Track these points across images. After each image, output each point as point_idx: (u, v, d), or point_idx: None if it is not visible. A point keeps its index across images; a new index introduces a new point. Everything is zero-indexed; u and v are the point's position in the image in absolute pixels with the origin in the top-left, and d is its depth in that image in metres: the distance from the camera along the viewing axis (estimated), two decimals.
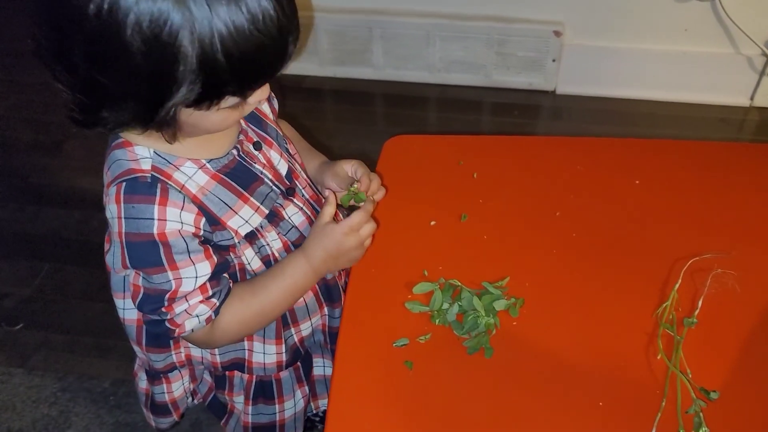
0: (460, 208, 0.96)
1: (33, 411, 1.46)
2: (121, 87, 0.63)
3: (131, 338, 0.90)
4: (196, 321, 0.78)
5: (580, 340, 0.79)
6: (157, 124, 0.67)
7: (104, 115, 0.66)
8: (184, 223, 0.74)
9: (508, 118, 2.19)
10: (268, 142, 0.86)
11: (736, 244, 0.89)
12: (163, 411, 0.98)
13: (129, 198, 0.72)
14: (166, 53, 0.59)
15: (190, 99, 0.64)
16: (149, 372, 0.94)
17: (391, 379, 0.76)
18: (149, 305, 0.77)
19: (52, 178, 2.04)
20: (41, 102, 2.33)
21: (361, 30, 2.21)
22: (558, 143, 1.11)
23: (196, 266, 0.75)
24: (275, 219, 0.84)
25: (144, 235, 0.72)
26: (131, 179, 0.73)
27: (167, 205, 0.72)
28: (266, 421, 0.96)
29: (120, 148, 0.75)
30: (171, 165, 0.75)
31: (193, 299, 0.76)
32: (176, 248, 0.74)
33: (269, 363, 0.91)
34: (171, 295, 0.75)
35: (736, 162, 1.05)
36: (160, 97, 0.63)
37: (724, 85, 2.14)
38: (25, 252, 1.82)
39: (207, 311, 0.78)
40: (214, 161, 0.78)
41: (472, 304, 0.81)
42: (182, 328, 0.78)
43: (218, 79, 0.63)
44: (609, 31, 2.11)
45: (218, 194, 0.78)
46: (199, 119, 0.69)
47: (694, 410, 0.70)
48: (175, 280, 0.75)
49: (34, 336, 1.61)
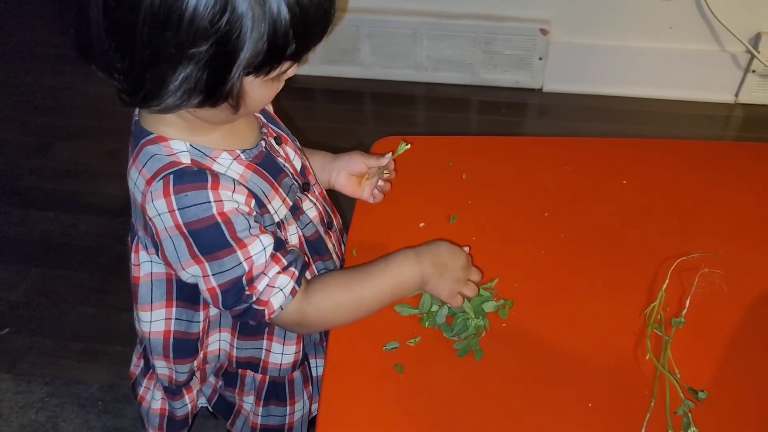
0: (448, 209, 0.96)
1: (20, 416, 1.45)
2: (187, 50, 0.61)
3: (156, 353, 0.86)
4: (282, 296, 0.76)
5: (570, 340, 0.80)
6: (221, 95, 0.66)
7: (165, 92, 0.64)
8: (239, 203, 0.73)
9: (496, 116, 2.19)
10: (284, 138, 0.87)
11: (724, 243, 0.90)
12: (180, 426, 0.95)
13: (179, 188, 0.70)
14: (233, 12, 0.59)
15: (257, 61, 0.63)
16: (168, 388, 0.91)
17: (382, 383, 0.76)
18: (232, 297, 0.75)
19: (40, 181, 2.02)
20: (29, 103, 2.31)
21: (349, 29, 2.21)
22: (546, 143, 1.12)
23: (260, 238, 0.74)
24: (297, 212, 0.84)
25: (205, 219, 0.71)
26: (178, 170, 0.71)
27: (220, 189, 0.71)
28: (276, 424, 0.94)
29: (153, 143, 0.73)
30: (208, 157, 0.74)
31: (272, 271, 0.75)
32: (239, 225, 0.72)
33: (285, 363, 0.90)
34: (248, 276, 0.74)
35: (724, 161, 1.05)
36: (227, 61, 0.62)
37: (709, 82, 2.15)
38: (11, 256, 1.81)
39: (288, 281, 0.76)
40: (247, 152, 0.78)
41: (461, 306, 0.81)
42: (270, 307, 0.76)
43: (282, 41, 0.63)
44: (595, 29, 2.12)
45: (256, 182, 0.78)
46: (253, 91, 0.68)
47: (683, 411, 0.71)
48: (246, 261, 0.73)
49: (21, 341, 1.60)
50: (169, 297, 0.83)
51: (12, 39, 2.58)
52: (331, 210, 0.94)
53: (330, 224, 0.92)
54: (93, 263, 1.75)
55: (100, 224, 1.83)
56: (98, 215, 1.86)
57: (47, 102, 2.30)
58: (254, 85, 0.68)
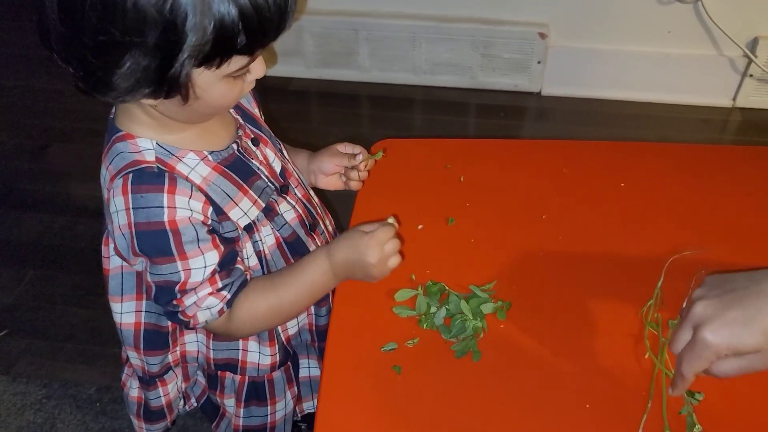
0: (447, 211, 0.96)
1: (18, 418, 1.45)
2: (132, 37, 0.61)
3: (128, 343, 0.89)
4: (208, 313, 0.77)
5: (567, 342, 0.80)
6: (170, 85, 0.66)
7: (115, 79, 0.64)
8: (193, 210, 0.74)
9: (494, 119, 2.19)
10: (263, 140, 0.87)
11: (720, 244, 0.90)
12: (157, 416, 0.97)
13: (137, 188, 0.71)
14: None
15: (203, 52, 0.63)
16: (143, 378, 0.93)
17: (380, 384, 0.76)
18: (163, 297, 0.77)
19: (36, 183, 2.02)
20: (24, 106, 2.31)
21: (347, 32, 2.21)
22: (544, 147, 1.12)
23: (204, 255, 0.75)
24: (270, 213, 0.84)
25: (154, 223, 0.72)
26: (138, 170, 0.72)
27: (176, 194, 0.72)
28: (257, 424, 0.95)
29: (122, 141, 0.75)
30: (174, 156, 0.75)
31: (202, 291, 0.76)
32: (186, 236, 0.73)
33: (264, 364, 0.91)
34: (180, 287, 0.75)
35: (720, 164, 1.05)
36: (171, 48, 0.63)
37: (706, 87, 2.16)
38: (8, 258, 1.81)
39: (218, 303, 0.77)
40: (215, 153, 0.79)
41: (459, 308, 0.81)
42: (195, 320, 0.78)
43: (230, 32, 0.63)
44: (593, 33, 2.13)
45: (220, 185, 0.78)
46: (208, 86, 0.68)
47: (687, 410, 0.71)
48: (183, 272, 0.74)
49: (18, 343, 1.60)
50: (139, 289, 0.84)
51: (7, 42, 2.57)
52: (317, 213, 0.94)
53: (313, 227, 0.91)
54: (89, 265, 1.74)
55: (96, 226, 1.80)
56: (94, 217, 1.85)
57: (43, 105, 2.30)
58: (208, 79, 0.68)
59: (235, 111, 0.86)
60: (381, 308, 0.83)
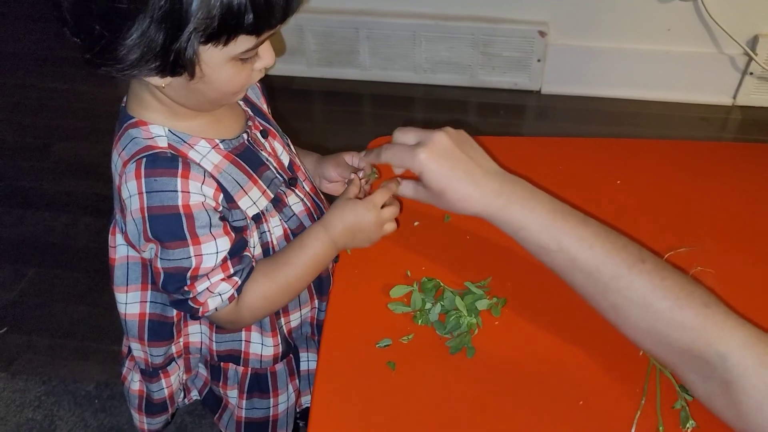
0: None
1: (17, 415, 1.45)
2: (138, 4, 0.62)
3: (132, 334, 0.89)
4: (219, 300, 0.77)
5: (562, 339, 0.80)
6: (175, 60, 0.66)
7: (122, 50, 0.65)
8: (206, 196, 0.74)
9: (494, 118, 2.20)
10: (272, 133, 0.88)
11: (717, 241, 0.90)
12: (159, 409, 0.97)
13: (150, 172, 0.72)
14: None
15: (210, 27, 0.64)
16: (145, 371, 0.93)
17: (374, 380, 0.76)
18: (172, 284, 0.76)
19: (39, 181, 2.03)
20: (28, 104, 2.32)
21: (348, 31, 2.21)
22: (540, 144, 1.12)
23: (216, 241, 0.75)
24: (279, 204, 0.85)
25: (168, 207, 0.72)
26: (152, 154, 0.73)
27: (190, 178, 0.72)
28: (260, 416, 0.95)
29: (134, 127, 0.75)
30: (185, 143, 0.76)
31: (215, 277, 0.76)
32: (199, 221, 0.74)
33: (266, 355, 0.91)
34: (192, 272, 0.75)
35: (717, 161, 1.05)
36: (178, 19, 0.63)
37: (707, 85, 2.16)
38: (9, 256, 1.81)
39: (229, 289, 0.77)
40: (226, 142, 0.79)
41: (454, 304, 0.81)
42: (206, 307, 0.77)
43: (236, 8, 0.63)
44: (593, 31, 2.13)
45: (231, 173, 0.78)
46: (215, 66, 0.68)
47: (681, 404, 0.71)
48: (195, 257, 0.74)
49: (18, 340, 1.60)
50: (144, 280, 0.85)
51: (11, 42, 2.59)
52: (325, 206, 0.94)
53: None
54: (90, 263, 1.75)
55: (97, 225, 1.83)
56: (96, 216, 1.86)
57: (46, 103, 2.31)
58: (216, 59, 0.68)
59: (245, 104, 0.87)
60: (376, 304, 0.84)
